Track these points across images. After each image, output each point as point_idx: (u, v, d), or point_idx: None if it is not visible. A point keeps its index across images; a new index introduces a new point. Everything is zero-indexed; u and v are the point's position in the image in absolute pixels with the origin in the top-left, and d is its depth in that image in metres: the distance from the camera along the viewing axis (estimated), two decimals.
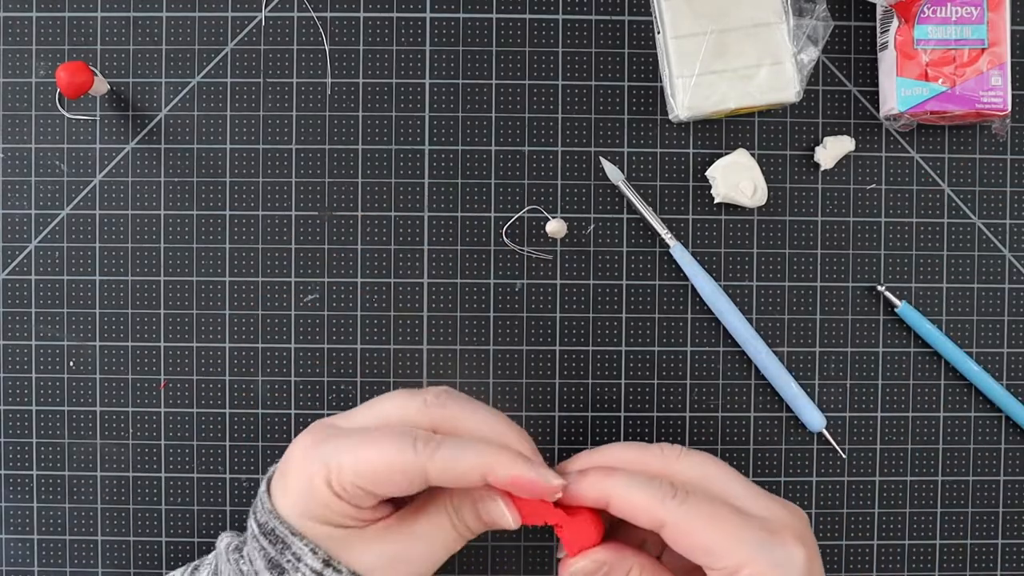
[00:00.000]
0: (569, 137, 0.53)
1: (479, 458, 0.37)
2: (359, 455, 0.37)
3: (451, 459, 0.37)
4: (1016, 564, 0.53)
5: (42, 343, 0.52)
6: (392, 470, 0.37)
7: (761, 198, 0.52)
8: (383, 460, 0.37)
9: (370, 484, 0.37)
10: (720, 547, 0.37)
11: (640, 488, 0.38)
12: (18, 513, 0.52)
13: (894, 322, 0.53)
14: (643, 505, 0.38)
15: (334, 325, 0.52)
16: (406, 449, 0.37)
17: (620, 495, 0.38)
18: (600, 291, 0.53)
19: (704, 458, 0.40)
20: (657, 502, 0.37)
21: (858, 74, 0.53)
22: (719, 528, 0.37)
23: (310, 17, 0.53)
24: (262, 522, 0.39)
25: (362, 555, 0.38)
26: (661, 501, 0.37)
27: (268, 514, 0.39)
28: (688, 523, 0.37)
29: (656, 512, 0.37)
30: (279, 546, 0.38)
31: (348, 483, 0.37)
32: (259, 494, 0.41)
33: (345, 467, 0.37)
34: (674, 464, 0.40)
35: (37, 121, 0.52)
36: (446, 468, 0.37)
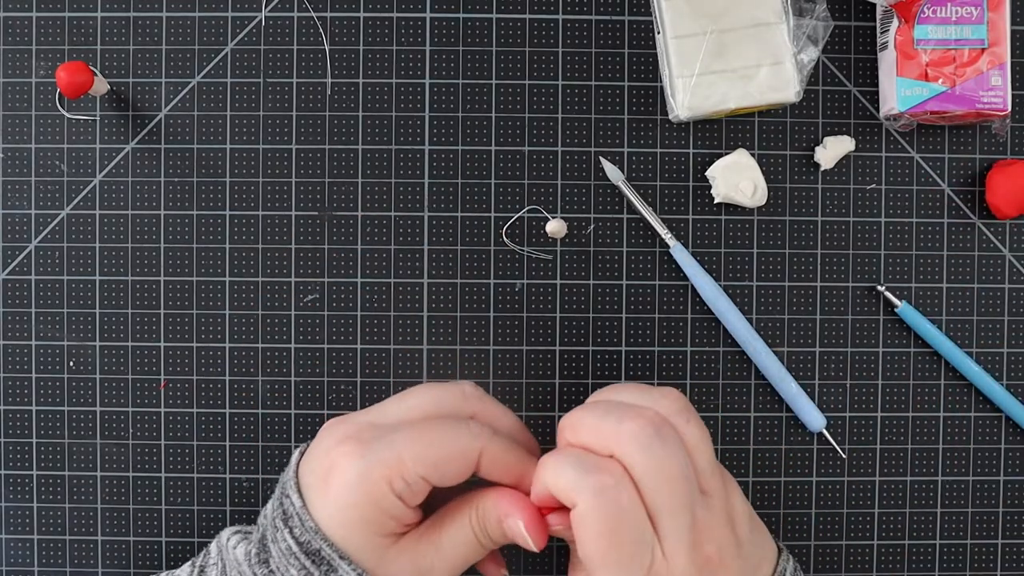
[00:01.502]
0: (569, 137, 0.53)
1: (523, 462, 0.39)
2: (418, 445, 0.37)
3: (505, 449, 0.39)
4: (1016, 564, 0.53)
5: (42, 343, 0.52)
6: (453, 454, 0.38)
7: (761, 198, 0.52)
8: (445, 445, 0.38)
9: (432, 470, 0.37)
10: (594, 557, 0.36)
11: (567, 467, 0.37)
12: (18, 513, 0.52)
13: (894, 322, 0.53)
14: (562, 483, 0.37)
15: (334, 325, 0.52)
16: (463, 432, 0.38)
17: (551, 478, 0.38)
18: (600, 291, 0.53)
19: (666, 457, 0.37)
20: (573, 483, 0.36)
21: (858, 74, 0.53)
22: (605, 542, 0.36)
23: (310, 17, 0.53)
24: (303, 541, 0.38)
25: (391, 567, 0.38)
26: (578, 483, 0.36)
27: (312, 533, 0.37)
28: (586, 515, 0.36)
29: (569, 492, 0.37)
30: (324, 568, 0.37)
31: (411, 475, 0.37)
32: (293, 507, 0.39)
33: (406, 459, 0.37)
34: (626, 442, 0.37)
35: (37, 121, 0.52)
36: (498, 458, 0.39)
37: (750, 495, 0.53)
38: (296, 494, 0.39)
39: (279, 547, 0.38)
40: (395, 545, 0.38)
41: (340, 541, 0.37)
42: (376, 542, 0.38)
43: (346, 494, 0.37)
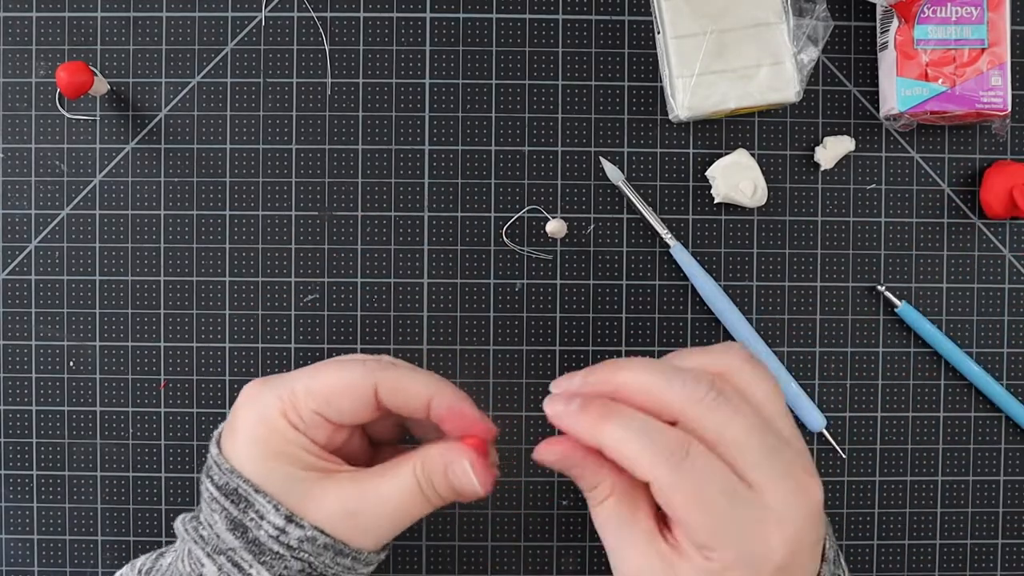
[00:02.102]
0: (569, 137, 0.53)
1: (427, 382, 0.39)
2: (310, 379, 0.38)
3: (400, 376, 0.39)
4: (1016, 564, 0.53)
5: (42, 343, 0.52)
6: (345, 387, 0.38)
7: (761, 198, 0.52)
8: (337, 378, 0.38)
9: (325, 406, 0.38)
10: (694, 526, 0.35)
11: (634, 443, 0.35)
12: (18, 513, 0.52)
13: (894, 322, 0.53)
14: (634, 459, 0.35)
15: (334, 325, 0.52)
16: (356, 367, 0.39)
17: (613, 447, 0.36)
18: (600, 291, 0.53)
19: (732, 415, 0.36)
20: (647, 460, 0.35)
21: (858, 74, 0.53)
22: (699, 511, 0.35)
23: (310, 17, 0.53)
24: (221, 484, 0.38)
25: (320, 504, 0.38)
26: (652, 461, 0.35)
27: (229, 474, 0.38)
28: (673, 491, 0.35)
29: (645, 470, 0.35)
30: (242, 505, 0.38)
31: (304, 409, 0.38)
32: (210, 456, 0.40)
33: (298, 392, 0.38)
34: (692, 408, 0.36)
35: (37, 121, 0.52)
36: (396, 386, 0.39)
37: None
38: (215, 445, 0.40)
39: (204, 499, 0.40)
40: (321, 483, 0.38)
41: (255, 477, 0.38)
42: (293, 474, 0.38)
43: (249, 429, 0.38)
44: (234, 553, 0.38)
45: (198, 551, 0.39)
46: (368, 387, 0.38)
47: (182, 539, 0.40)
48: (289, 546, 0.38)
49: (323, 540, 0.38)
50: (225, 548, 0.38)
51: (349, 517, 0.38)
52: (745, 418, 0.36)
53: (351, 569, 0.39)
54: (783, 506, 0.35)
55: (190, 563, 0.39)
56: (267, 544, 0.38)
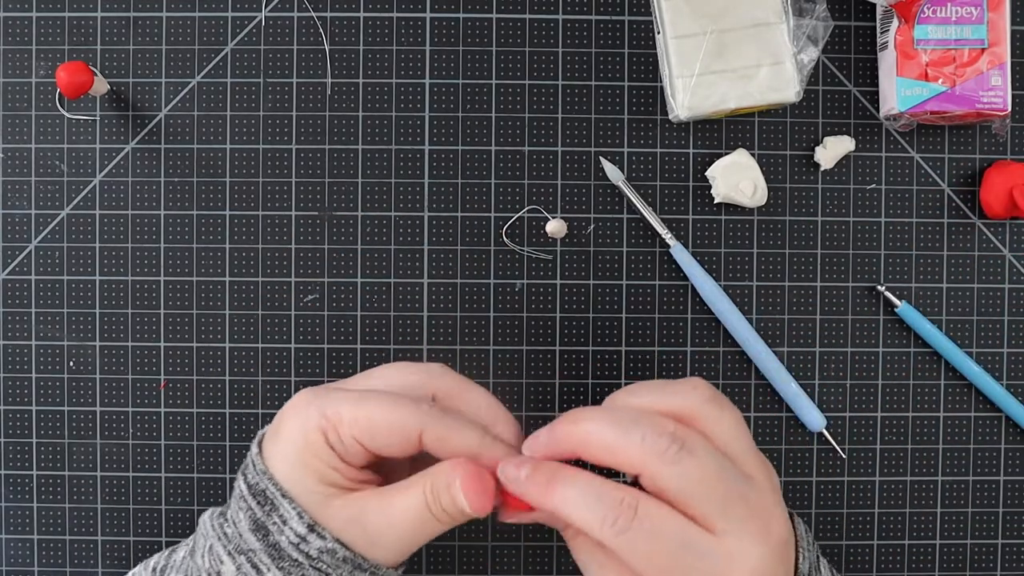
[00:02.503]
0: (569, 137, 0.53)
1: (473, 442, 0.39)
2: (359, 408, 0.38)
3: (449, 430, 0.38)
4: (1016, 564, 0.53)
5: (42, 343, 0.52)
6: (391, 426, 0.38)
7: (761, 198, 0.52)
8: (383, 415, 0.38)
9: (367, 437, 0.38)
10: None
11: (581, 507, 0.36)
12: (18, 513, 0.52)
13: (894, 322, 0.53)
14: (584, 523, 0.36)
15: (334, 325, 0.52)
16: (407, 407, 0.38)
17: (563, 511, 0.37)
18: (600, 291, 0.53)
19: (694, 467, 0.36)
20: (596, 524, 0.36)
21: (858, 74, 0.53)
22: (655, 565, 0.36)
23: (310, 17, 0.53)
24: (252, 483, 0.39)
25: (337, 514, 0.38)
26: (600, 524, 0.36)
27: (261, 475, 0.39)
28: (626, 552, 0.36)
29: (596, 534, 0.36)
30: (267, 507, 0.38)
31: (345, 434, 0.38)
32: (250, 455, 0.40)
33: (344, 418, 0.38)
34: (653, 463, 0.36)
35: (37, 121, 0.52)
36: (442, 438, 0.38)
37: None
38: (256, 444, 0.40)
39: (234, 495, 0.40)
40: (341, 496, 0.39)
41: (284, 481, 0.38)
42: (318, 488, 0.38)
43: (289, 437, 0.39)
44: (254, 555, 0.38)
45: (219, 548, 0.39)
46: (414, 431, 0.38)
47: (205, 535, 0.40)
48: (308, 555, 0.38)
49: (343, 553, 0.38)
50: (246, 548, 0.38)
51: (360, 528, 0.38)
52: (706, 468, 0.37)
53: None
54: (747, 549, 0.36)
55: (210, 559, 0.39)
56: (287, 550, 0.38)
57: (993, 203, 0.51)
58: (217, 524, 0.40)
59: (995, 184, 0.51)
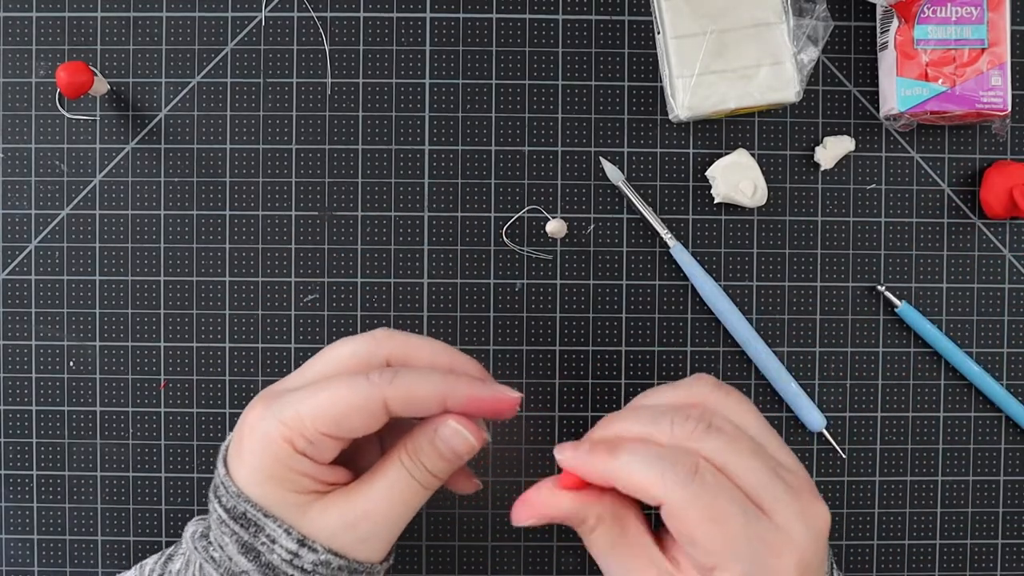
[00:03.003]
0: (569, 137, 0.53)
1: (437, 383, 0.38)
2: (316, 401, 0.37)
3: (409, 385, 0.37)
4: (1016, 564, 0.53)
5: (42, 343, 0.52)
6: (352, 406, 0.37)
7: (761, 198, 0.52)
8: (340, 400, 0.37)
9: (333, 426, 0.37)
10: (705, 544, 0.35)
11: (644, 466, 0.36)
12: (18, 513, 0.52)
13: (894, 322, 0.53)
14: (646, 482, 0.35)
15: (334, 325, 0.52)
16: (361, 383, 0.37)
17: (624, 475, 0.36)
18: (600, 291, 0.53)
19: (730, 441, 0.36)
20: (658, 480, 0.35)
21: (858, 74, 0.53)
22: (712, 525, 0.35)
23: (310, 17, 0.53)
24: (230, 507, 0.38)
25: (322, 522, 0.38)
26: (663, 480, 0.35)
27: (236, 498, 0.38)
28: (687, 507, 0.35)
29: (658, 491, 0.35)
30: (252, 529, 0.38)
31: (311, 431, 0.37)
32: (218, 477, 0.39)
33: (304, 416, 0.37)
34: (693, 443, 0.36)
35: (37, 121, 0.52)
36: (406, 395, 0.37)
37: None
38: (222, 464, 0.39)
39: (213, 518, 0.39)
40: (319, 502, 0.38)
41: (260, 499, 0.38)
42: (295, 499, 0.38)
43: (254, 456, 0.38)
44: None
45: (211, 570, 0.39)
46: (378, 403, 0.37)
47: (189, 553, 0.40)
48: (303, 569, 0.38)
49: (337, 562, 0.38)
50: (238, 571, 0.38)
51: (349, 529, 0.38)
52: (743, 443, 0.37)
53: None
54: (792, 528, 0.36)
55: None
56: (281, 567, 0.38)
57: (993, 203, 0.51)
58: (201, 547, 0.39)
59: (995, 184, 0.51)
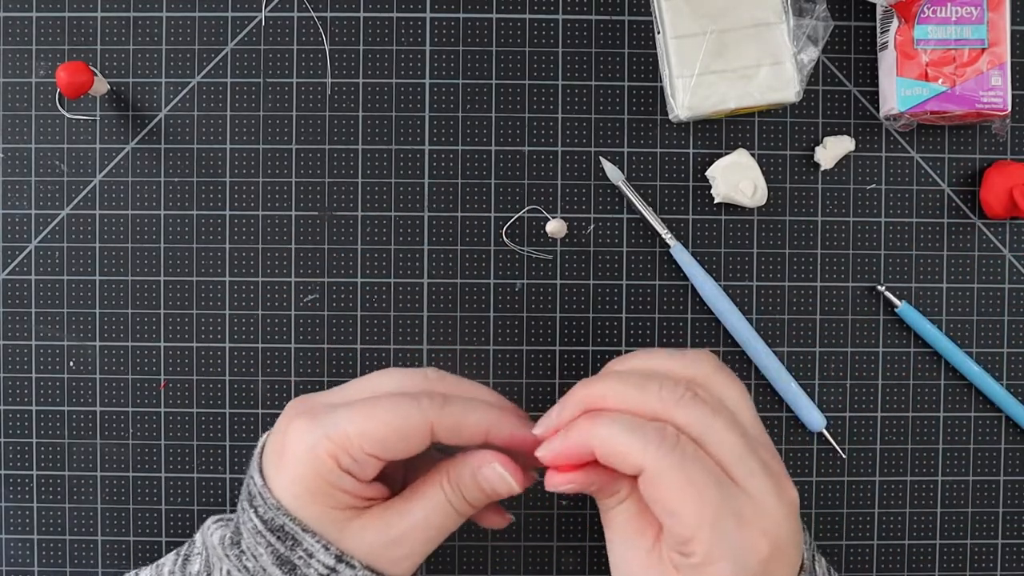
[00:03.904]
0: (569, 137, 0.53)
1: (485, 415, 0.38)
2: (366, 421, 0.37)
3: (459, 413, 0.38)
4: (1016, 564, 0.53)
5: (42, 343, 0.52)
6: (400, 430, 0.37)
7: (761, 198, 0.52)
8: (389, 421, 0.37)
9: (379, 448, 0.37)
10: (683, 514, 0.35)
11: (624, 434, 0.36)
12: (18, 513, 0.52)
13: (894, 322, 0.53)
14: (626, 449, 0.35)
15: (334, 325, 0.52)
16: (412, 407, 0.37)
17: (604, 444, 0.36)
18: (600, 291, 0.53)
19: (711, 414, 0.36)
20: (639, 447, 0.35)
21: (858, 74, 0.53)
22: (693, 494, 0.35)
23: (310, 17, 0.53)
24: (267, 519, 0.38)
25: (360, 539, 0.38)
26: (644, 447, 0.35)
27: (274, 510, 0.38)
28: (665, 477, 0.35)
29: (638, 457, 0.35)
30: (289, 542, 0.38)
31: (356, 451, 0.37)
32: (254, 486, 0.39)
33: (352, 435, 0.37)
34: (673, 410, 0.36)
35: (37, 121, 0.52)
36: (454, 424, 0.38)
37: None
38: (258, 473, 0.39)
39: (247, 527, 0.39)
40: (358, 518, 0.38)
41: (299, 512, 0.38)
42: (333, 515, 0.38)
43: (296, 469, 0.38)
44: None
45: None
46: (424, 429, 0.37)
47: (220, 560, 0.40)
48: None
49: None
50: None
51: (387, 547, 0.38)
52: (724, 418, 0.37)
53: None
54: (765, 501, 0.36)
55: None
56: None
57: (993, 203, 0.51)
58: (234, 555, 0.39)
59: (995, 184, 0.51)
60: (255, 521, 0.38)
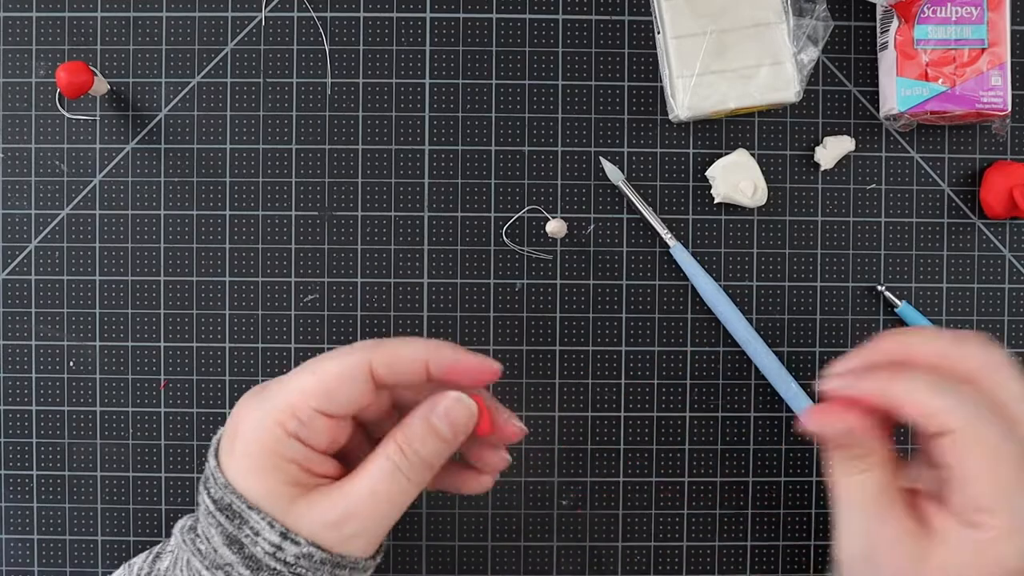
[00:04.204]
0: (569, 137, 0.53)
1: (421, 346, 0.38)
2: (308, 377, 0.38)
3: (393, 346, 0.38)
4: None
5: (42, 343, 0.52)
6: (340, 376, 0.37)
7: (761, 198, 0.52)
8: (329, 371, 0.38)
9: (324, 399, 0.37)
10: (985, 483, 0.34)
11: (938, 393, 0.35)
12: (18, 513, 0.52)
13: (894, 322, 0.53)
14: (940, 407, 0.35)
15: (334, 325, 0.52)
16: (348, 352, 0.38)
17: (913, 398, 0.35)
18: (600, 291, 0.53)
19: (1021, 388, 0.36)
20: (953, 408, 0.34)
21: (858, 74, 0.53)
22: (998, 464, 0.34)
23: (310, 17, 0.53)
24: (217, 498, 0.38)
25: (307, 517, 0.38)
26: (958, 410, 0.34)
27: (223, 489, 0.38)
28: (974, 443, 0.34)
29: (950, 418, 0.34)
30: (236, 521, 0.37)
31: (303, 409, 0.37)
32: (208, 468, 0.39)
33: (295, 395, 0.37)
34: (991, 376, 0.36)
35: (37, 121, 0.52)
36: (391, 357, 0.38)
37: (750, 495, 0.53)
38: (213, 457, 0.39)
39: (201, 510, 0.39)
40: (306, 496, 0.38)
41: (247, 491, 0.38)
42: (282, 491, 0.37)
43: (246, 446, 0.38)
44: (232, 568, 0.38)
45: (196, 563, 0.39)
46: (364, 368, 0.38)
47: (179, 548, 0.40)
48: (286, 562, 0.37)
49: (320, 556, 0.37)
50: (223, 563, 0.38)
51: (333, 527, 0.38)
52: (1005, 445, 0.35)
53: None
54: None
55: (189, 574, 0.39)
56: (264, 560, 0.37)
57: (993, 203, 0.51)
58: (189, 540, 0.39)
59: (995, 184, 0.51)
60: (207, 502, 0.38)
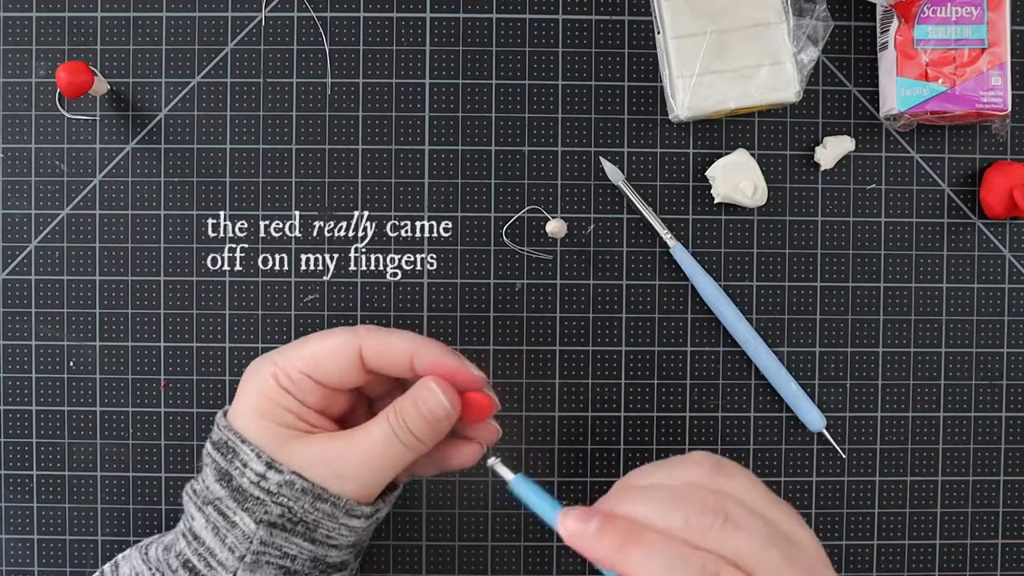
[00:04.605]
0: (569, 137, 0.53)
1: (409, 339, 0.41)
2: (304, 345, 0.42)
3: (384, 335, 0.41)
4: (1016, 564, 0.53)
5: (42, 343, 0.52)
6: (329, 350, 0.41)
7: (761, 198, 0.52)
8: (323, 343, 0.41)
9: (312, 366, 0.41)
10: None
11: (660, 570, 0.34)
12: (18, 513, 0.52)
13: (894, 321, 0.53)
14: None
15: (334, 325, 0.52)
16: (342, 331, 0.42)
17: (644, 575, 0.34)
18: (600, 291, 0.53)
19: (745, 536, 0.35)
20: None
21: (858, 74, 0.53)
22: None
23: (310, 17, 0.53)
24: (216, 439, 0.41)
25: (300, 454, 0.40)
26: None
27: (223, 430, 0.41)
28: None
29: None
30: (229, 455, 0.40)
31: (293, 371, 0.41)
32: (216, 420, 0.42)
33: (291, 358, 0.41)
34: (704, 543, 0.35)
35: (37, 121, 0.52)
36: (379, 347, 0.41)
37: None
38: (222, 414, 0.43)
39: (204, 459, 0.42)
40: (300, 439, 0.41)
41: (243, 430, 0.41)
42: (276, 431, 0.40)
43: (246, 394, 0.42)
44: (220, 502, 0.40)
45: (190, 505, 0.41)
46: (352, 349, 0.41)
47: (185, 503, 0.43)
48: (269, 491, 0.39)
49: (301, 484, 0.39)
50: (213, 498, 0.40)
51: (324, 464, 0.40)
52: (756, 534, 0.35)
53: (333, 517, 0.40)
54: None
55: (184, 519, 0.42)
56: (249, 490, 0.40)
57: (993, 203, 0.51)
58: (189, 486, 0.42)
59: (995, 184, 0.51)
60: (208, 447, 0.42)
